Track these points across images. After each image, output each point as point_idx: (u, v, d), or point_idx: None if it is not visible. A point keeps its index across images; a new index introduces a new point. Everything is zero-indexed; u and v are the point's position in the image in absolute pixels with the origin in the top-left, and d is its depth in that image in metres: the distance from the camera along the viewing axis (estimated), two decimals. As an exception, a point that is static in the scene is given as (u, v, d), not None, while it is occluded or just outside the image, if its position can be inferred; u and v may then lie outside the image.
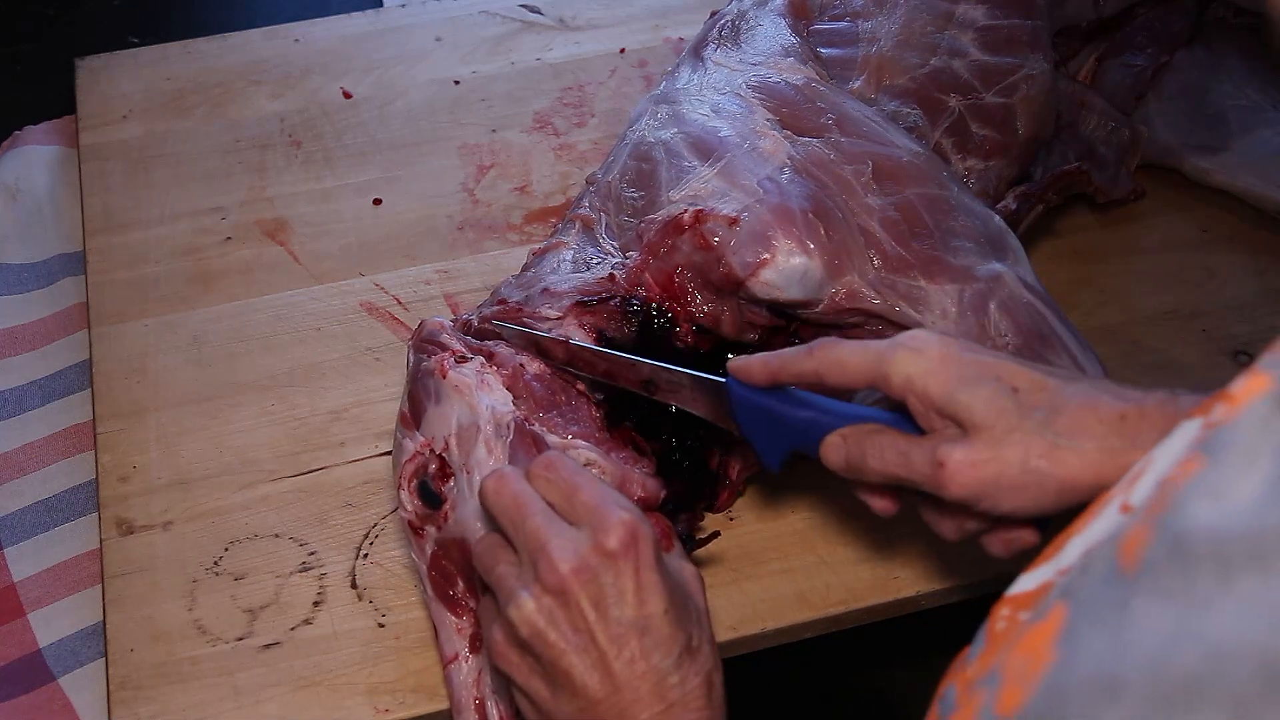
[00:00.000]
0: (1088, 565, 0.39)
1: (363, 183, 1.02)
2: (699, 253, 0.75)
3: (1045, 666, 0.38)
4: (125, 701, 0.73)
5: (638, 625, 0.58)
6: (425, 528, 0.72)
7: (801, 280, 0.74)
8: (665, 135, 0.83)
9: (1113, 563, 0.36)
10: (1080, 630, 0.37)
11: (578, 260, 0.80)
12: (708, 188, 0.77)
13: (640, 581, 0.58)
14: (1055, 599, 0.40)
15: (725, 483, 0.79)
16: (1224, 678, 0.31)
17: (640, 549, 0.59)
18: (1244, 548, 0.32)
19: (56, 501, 0.85)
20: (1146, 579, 0.34)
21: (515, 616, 0.59)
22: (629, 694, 0.57)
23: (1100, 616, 0.36)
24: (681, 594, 0.61)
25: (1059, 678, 0.37)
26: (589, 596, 0.58)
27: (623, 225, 0.81)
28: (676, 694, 0.58)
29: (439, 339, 0.74)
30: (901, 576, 0.79)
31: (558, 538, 0.59)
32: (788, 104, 0.82)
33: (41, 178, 1.03)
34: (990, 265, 0.76)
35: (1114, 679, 0.34)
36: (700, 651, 0.60)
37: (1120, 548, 0.36)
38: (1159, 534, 0.34)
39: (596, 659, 0.58)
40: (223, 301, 0.93)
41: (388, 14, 1.17)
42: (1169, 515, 0.34)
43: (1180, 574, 0.33)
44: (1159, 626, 0.33)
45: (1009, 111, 0.87)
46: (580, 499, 0.61)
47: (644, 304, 0.75)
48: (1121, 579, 0.35)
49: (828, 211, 0.76)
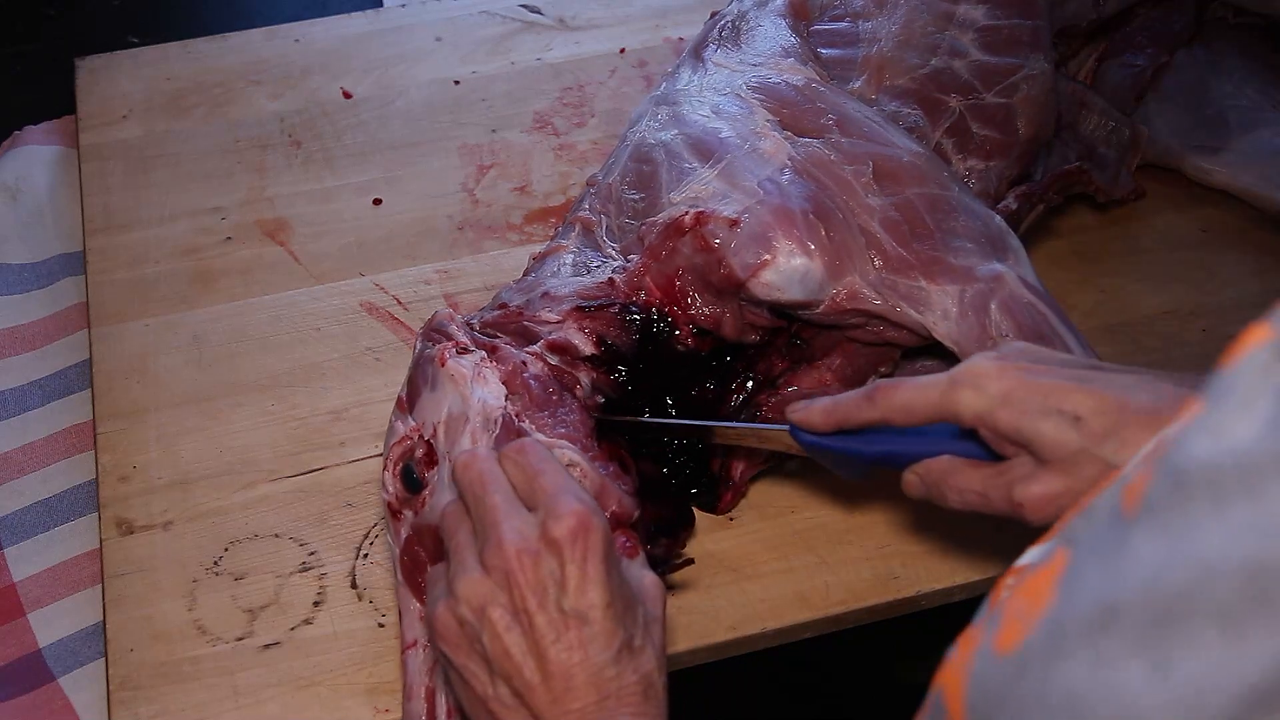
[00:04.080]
0: (1091, 513, 0.40)
1: (363, 183, 1.01)
2: (700, 255, 0.75)
3: (1045, 606, 0.38)
4: (125, 701, 0.73)
5: (577, 614, 0.58)
6: (403, 511, 0.72)
7: (802, 281, 0.74)
8: (666, 136, 0.83)
9: (1116, 508, 0.37)
10: (1080, 570, 0.38)
11: (578, 264, 0.80)
12: (708, 189, 0.77)
13: (585, 572, 0.59)
14: (1057, 546, 0.41)
15: (728, 484, 0.79)
16: (1212, 592, 0.32)
17: (589, 540, 0.59)
18: (1237, 476, 0.33)
19: (56, 501, 0.85)
20: (1146, 516, 0.35)
21: (461, 591, 0.59)
22: (562, 681, 0.58)
23: (1100, 555, 0.37)
24: (629, 594, 0.61)
25: (1058, 614, 0.38)
26: (530, 580, 0.58)
27: (624, 227, 0.81)
28: (612, 687, 0.58)
29: (446, 329, 0.75)
30: (901, 576, 0.79)
31: (508, 519, 0.60)
32: (788, 105, 0.82)
33: (41, 178, 1.03)
34: (991, 265, 0.76)
35: (1110, 606, 0.35)
36: (642, 653, 0.60)
37: (1124, 492, 0.37)
38: (1158, 474, 0.36)
39: (533, 644, 0.58)
40: (223, 301, 0.93)
41: (388, 14, 1.17)
42: (1169, 455, 0.35)
43: (1178, 508, 0.34)
44: (1154, 554, 0.34)
45: (1009, 112, 0.87)
46: (540, 484, 0.61)
47: (643, 310, 0.75)
48: (1123, 520, 0.36)
49: (828, 212, 0.76)
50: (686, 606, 0.77)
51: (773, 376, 0.79)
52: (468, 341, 0.74)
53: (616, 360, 0.75)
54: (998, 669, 0.39)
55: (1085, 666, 0.35)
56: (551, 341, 0.74)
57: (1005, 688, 0.39)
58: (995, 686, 0.39)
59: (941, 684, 0.42)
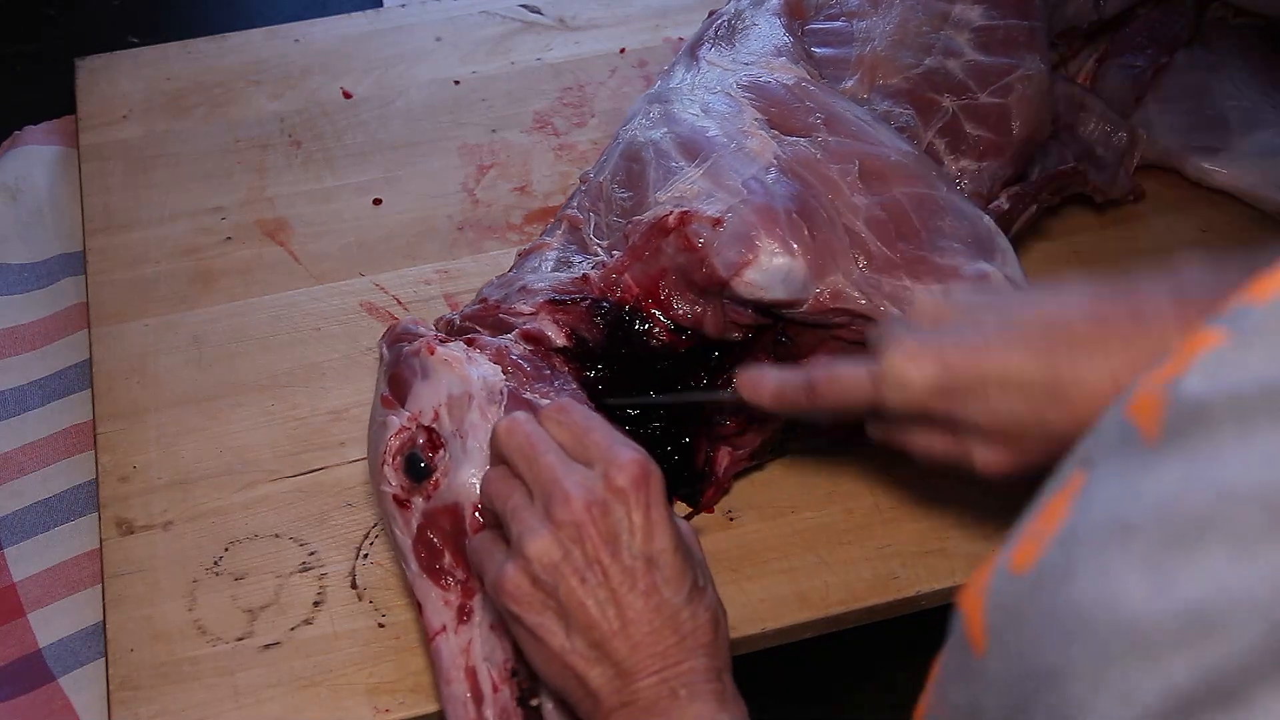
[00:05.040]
0: (1099, 431, 0.41)
1: (363, 183, 1.02)
2: (683, 254, 0.75)
3: (1060, 523, 0.39)
4: (125, 701, 0.73)
5: (648, 559, 0.60)
6: (412, 500, 0.72)
7: (785, 280, 0.74)
8: (655, 135, 0.83)
9: (1127, 428, 0.38)
10: (1096, 487, 0.38)
11: (560, 261, 0.81)
12: (694, 188, 0.77)
13: (650, 518, 0.60)
14: (1074, 468, 0.41)
15: (712, 480, 0.79)
16: (1230, 517, 0.32)
17: (651, 487, 0.60)
18: (1265, 404, 0.33)
19: (56, 501, 0.85)
20: (1169, 442, 0.36)
21: (532, 551, 0.60)
22: (644, 626, 0.59)
23: (1118, 474, 0.37)
24: (687, 538, 0.63)
25: (1071, 529, 0.38)
26: (602, 531, 0.59)
27: (612, 225, 0.81)
28: (688, 627, 0.60)
29: (414, 330, 0.75)
30: (901, 576, 0.79)
31: (571, 475, 0.61)
32: (777, 103, 0.82)
33: (41, 178, 1.03)
34: (978, 265, 0.76)
35: (1125, 524, 0.35)
36: (706, 592, 0.61)
37: (1130, 410, 0.37)
38: (1177, 400, 0.36)
39: (610, 592, 0.59)
40: (223, 301, 0.93)
41: (388, 14, 1.17)
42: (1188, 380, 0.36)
43: (1202, 434, 0.35)
44: (1173, 477, 0.35)
45: (1004, 112, 0.87)
46: (592, 439, 0.62)
47: (614, 306, 0.75)
48: (1143, 444, 0.37)
49: (813, 211, 0.76)
50: (686, 606, 0.77)
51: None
52: (441, 335, 0.75)
53: (588, 354, 0.75)
54: (1013, 586, 0.40)
55: (1092, 581, 0.36)
56: (525, 331, 0.75)
57: (1020, 604, 0.39)
58: (1012, 603, 0.40)
59: (962, 607, 0.43)
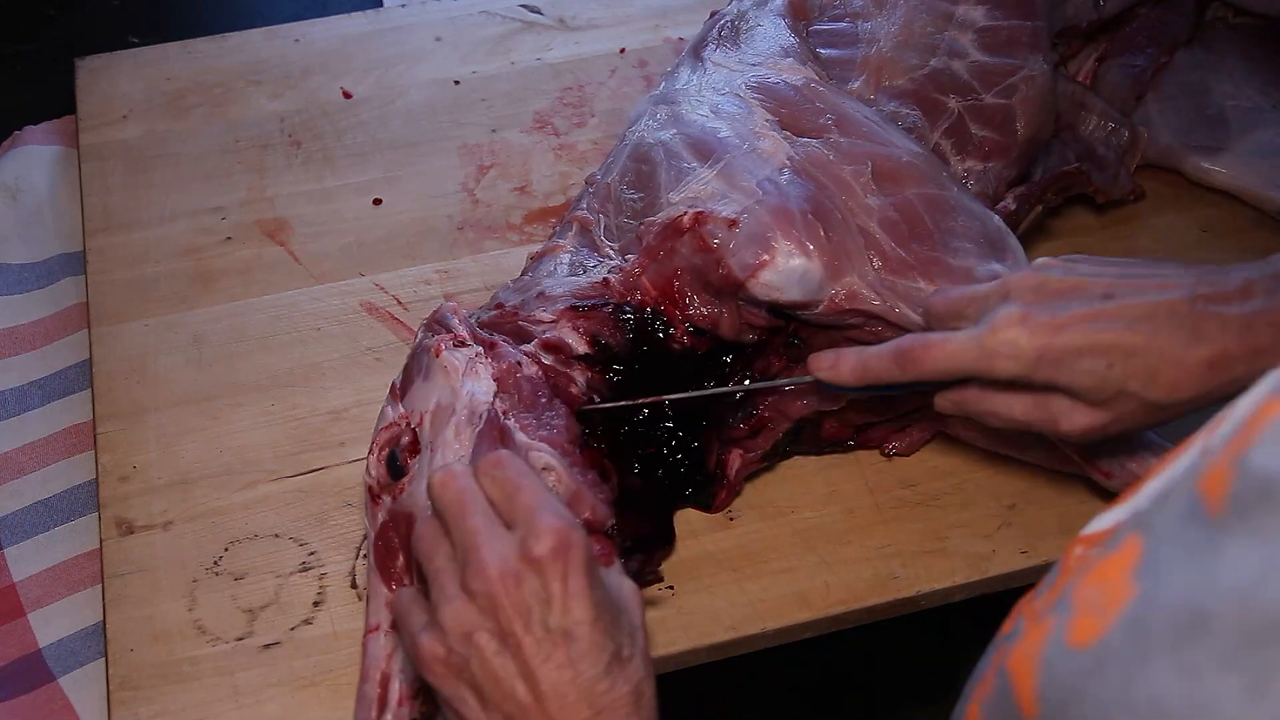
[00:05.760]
0: (1165, 500, 0.40)
1: (363, 183, 1.01)
2: (698, 255, 0.75)
3: (1125, 601, 0.38)
4: (125, 701, 0.73)
5: (564, 632, 0.58)
6: (382, 496, 0.73)
7: (801, 281, 0.74)
8: (665, 136, 0.83)
9: (1194, 499, 0.37)
10: (1161, 564, 0.38)
11: (574, 264, 0.81)
12: (707, 189, 0.77)
13: (567, 589, 0.58)
14: (1128, 532, 0.41)
15: (723, 482, 0.79)
16: None
17: (570, 557, 0.59)
18: None
19: (56, 501, 0.85)
20: (1235, 519, 0.35)
21: (446, 620, 0.59)
22: (556, 701, 0.57)
23: (1184, 552, 0.37)
24: (613, 605, 0.61)
25: (1140, 611, 0.37)
26: (515, 603, 0.58)
27: (622, 227, 0.81)
28: (605, 700, 0.58)
29: (448, 322, 0.76)
30: (901, 576, 0.79)
31: (490, 542, 0.59)
32: (787, 105, 0.82)
33: (41, 178, 1.03)
34: (990, 265, 0.76)
35: (1202, 613, 0.35)
36: (631, 662, 0.60)
37: (1201, 484, 0.37)
38: (1242, 473, 0.35)
39: (522, 666, 0.58)
40: (223, 301, 0.93)
41: (388, 14, 1.17)
42: (1253, 455, 0.35)
43: (1272, 515, 0.34)
44: (1249, 563, 0.34)
45: (1008, 112, 0.87)
46: (519, 500, 0.61)
47: (637, 310, 0.75)
48: (1207, 517, 0.36)
49: (827, 212, 0.76)
50: (686, 607, 0.77)
51: (770, 376, 0.79)
52: (466, 335, 0.74)
53: (610, 359, 0.75)
54: (1072, 662, 0.39)
55: (1172, 674, 0.35)
56: (546, 340, 0.75)
57: (1081, 683, 0.38)
58: (1070, 680, 0.39)
59: (1011, 669, 0.42)
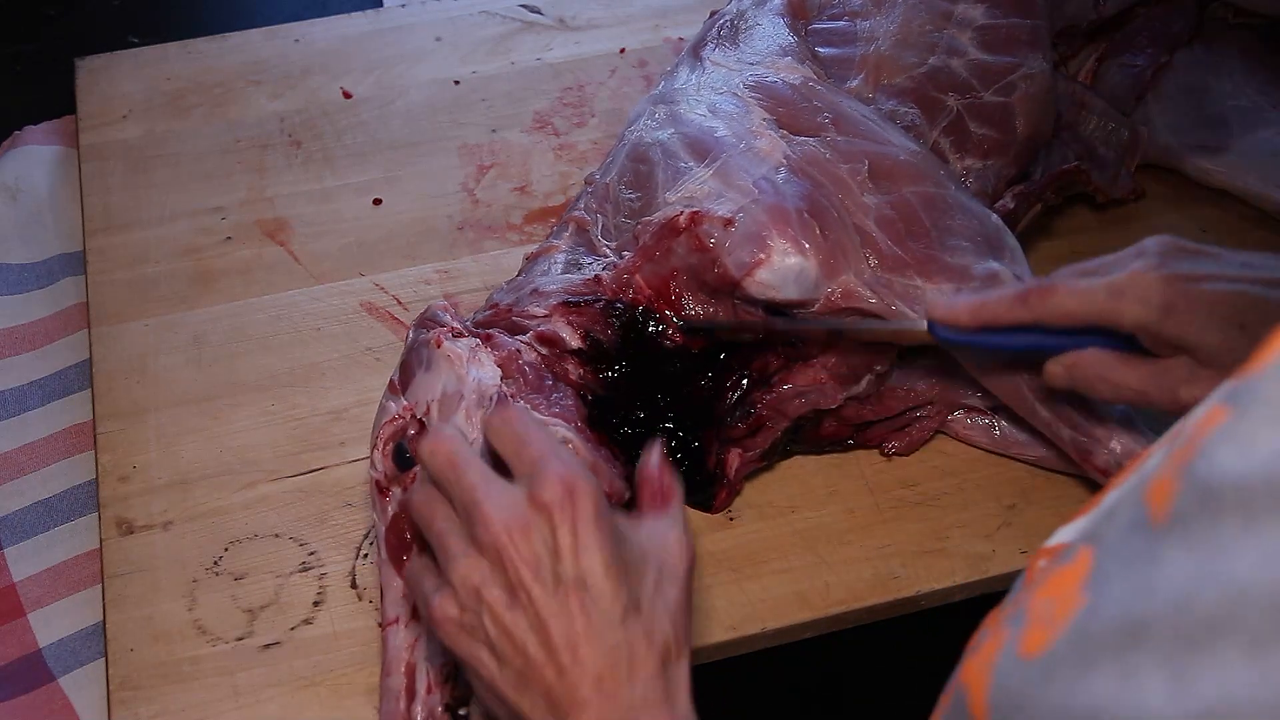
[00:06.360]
0: (1114, 510, 0.40)
1: (363, 183, 1.02)
2: (695, 254, 0.75)
3: (1073, 611, 0.38)
4: (125, 701, 0.73)
5: (576, 581, 0.56)
6: (391, 489, 0.73)
7: (797, 280, 0.74)
8: (662, 136, 0.83)
9: (1140, 510, 0.37)
10: (1108, 576, 0.38)
11: (569, 263, 0.81)
12: (704, 189, 0.77)
13: (578, 536, 0.56)
14: (1081, 543, 0.40)
15: (723, 482, 0.79)
16: (1243, 617, 0.32)
17: (578, 503, 0.57)
18: (1268, 492, 0.32)
19: (56, 501, 0.85)
20: (1178, 529, 0.35)
21: (455, 578, 0.57)
22: (568, 654, 0.55)
23: (1128, 564, 0.37)
24: (631, 554, 0.58)
25: (1085, 622, 0.37)
26: (523, 553, 0.56)
27: (620, 226, 0.81)
28: (621, 654, 0.55)
29: (440, 318, 0.76)
30: (901, 576, 0.79)
31: (491, 494, 0.58)
32: (784, 103, 0.82)
33: (41, 178, 1.03)
34: (987, 264, 0.76)
35: (1139, 623, 0.35)
36: (651, 615, 0.57)
37: (1147, 494, 0.37)
38: (1187, 483, 0.35)
39: (534, 618, 0.56)
40: (223, 301, 0.93)
41: (388, 14, 1.17)
42: (1196, 464, 0.35)
43: (1208, 524, 0.34)
44: (1184, 571, 0.34)
45: (1007, 111, 0.87)
46: (527, 452, 0.59)
47: (628, 307, 0.75)
48: (1151, 528, 0.36)
49: (823, 211, 0.76)
50: (686, 606, 0.77)
51: (767, 375, 0.79)
52: (461, 328, 0.75)
53: (603, 355, 0.75)
54: (1021, 672, 0.39)
55: (1111, 681, 0.35)
56: (540, 333, 0.75)
57: (1028, 692, 0.38)
58: (1018, 689, 0.39)
59: (965, 681, 0.42)
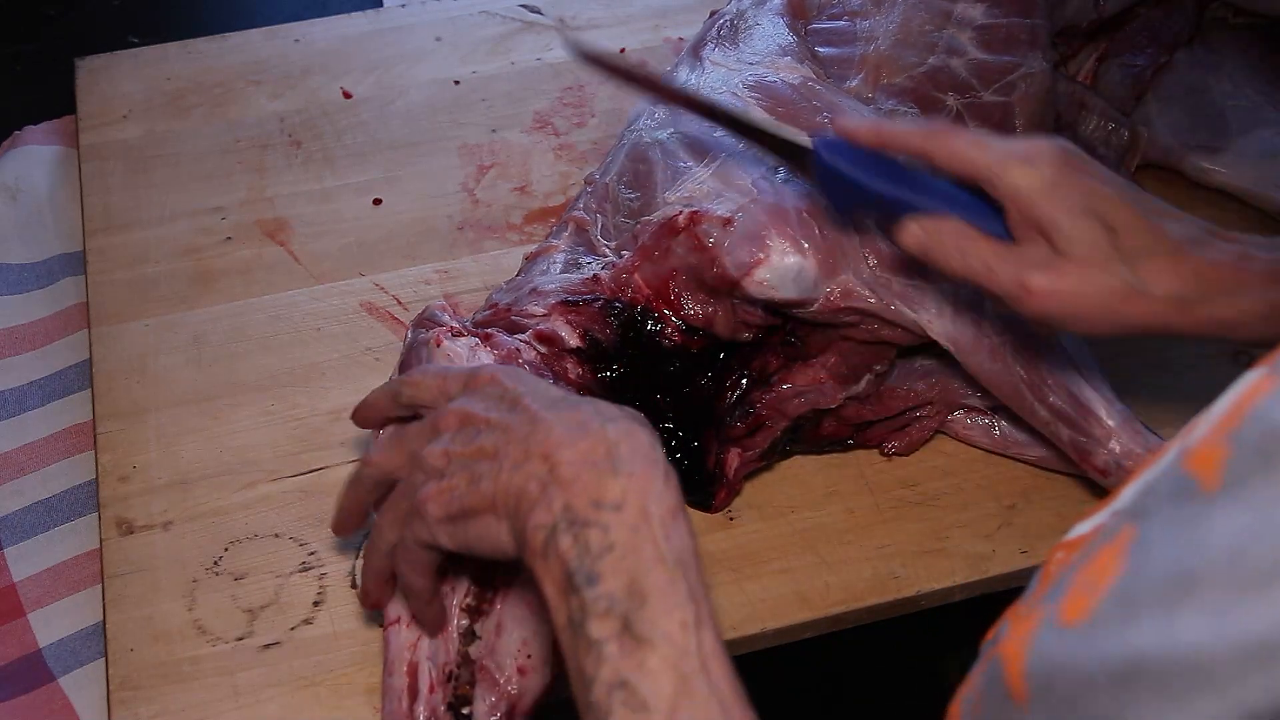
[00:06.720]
0: (1153, 486, 0.40)
1: (363, 183, 1.02)
2: (694, 254, 0.75)
3: (1114, 576, 0.38)
4: (125, 701, 0.73)
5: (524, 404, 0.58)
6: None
7: (796, 279, 0.74)
8: (662, 135, 0.83)
9: (1185, 480, 0.37)
10: (1153, 543, 0.38)
11: (568, 263, 0.81)
12: (703, 188, 0.77)
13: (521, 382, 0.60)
14: (1124, 522, 0.40)
15: (723, 482, 0.79)
16: None
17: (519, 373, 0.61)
18: None
19: (56, 501, 0.85)
20: (1232, 489, 0.35)
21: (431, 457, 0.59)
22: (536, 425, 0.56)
23: (1176, 528, 0.37)
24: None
25: (1129, 582, 0.37)
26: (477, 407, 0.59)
27: (620, 226, 0.81)
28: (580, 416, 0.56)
29: (439, 318, 0.76)
30: (901, 576, 0.79)
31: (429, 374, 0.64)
32: (784, 103, 0.82)
33: (41, 178, 1.03)
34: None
35: (1188, 575, 0.35)
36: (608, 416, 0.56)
37: (1192, 464, 0.37)
38: (1238, 446, 0.35)
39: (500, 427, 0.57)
40: (223, 301, 0.93)
41: (388, 14, 1.17)
42: (1246, 427, 0.35)
43: (1264, 478, 0.34)
44: (1237, 525, 0.34)
45: (1007, 110, 0.87)
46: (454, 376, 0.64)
47: (627, 306, 0.75)
48: (1202, 493, 0.36)
49: (822, 210, 0.76)
50: (686, 606, 0.77)
51: (767, 374, 0.79)
52: (460, 327, 0.75)
53: (602, 355, 0.75)
54: (1062, 639, 0.39)
55: (1156, 628, 0.35)
56: (539, 332, 0.75)
57: (1070, 654, 0.39)
58: (1059, 656, 0.39)
59: (1003, 655, 0.42)
